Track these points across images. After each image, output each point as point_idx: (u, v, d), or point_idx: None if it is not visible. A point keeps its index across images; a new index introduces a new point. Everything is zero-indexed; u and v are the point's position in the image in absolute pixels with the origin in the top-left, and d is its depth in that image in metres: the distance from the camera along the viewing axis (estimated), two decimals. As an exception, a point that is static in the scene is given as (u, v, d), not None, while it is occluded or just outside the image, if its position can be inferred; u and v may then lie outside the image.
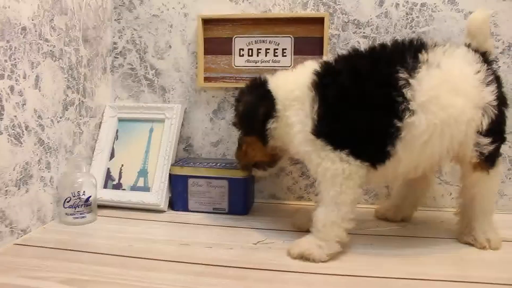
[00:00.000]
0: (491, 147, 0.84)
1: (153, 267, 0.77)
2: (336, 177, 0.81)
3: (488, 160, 0.86)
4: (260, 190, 1.20)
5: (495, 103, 0.83)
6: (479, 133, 0.83)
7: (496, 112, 0.83)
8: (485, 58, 0.87)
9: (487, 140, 0.83)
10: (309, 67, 0.88)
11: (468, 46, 0.87)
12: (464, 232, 0.92)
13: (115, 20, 1.22)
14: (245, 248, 0.87)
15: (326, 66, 0.86)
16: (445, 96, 0.79)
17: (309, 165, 0.86)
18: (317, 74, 0.84)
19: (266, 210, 1.12)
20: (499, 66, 1.10)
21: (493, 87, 0.83)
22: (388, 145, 0.80)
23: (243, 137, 0.97)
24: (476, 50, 0.86)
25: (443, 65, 0.81)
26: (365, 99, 0.80)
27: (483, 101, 0.82)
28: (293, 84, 0.86)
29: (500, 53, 1.11)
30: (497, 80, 0.86)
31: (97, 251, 0.84)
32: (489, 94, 0.82)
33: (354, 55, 0.86)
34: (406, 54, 0.81)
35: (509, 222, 1.06)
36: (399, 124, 0.78)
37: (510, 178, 1.14)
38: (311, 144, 0.81)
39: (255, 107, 0.89)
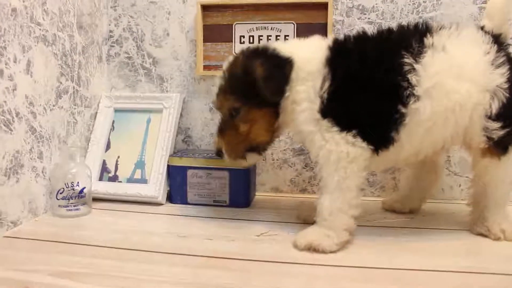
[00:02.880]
0: (501, 132, 0.80)
1: (150, 259, 0.73)
2: (340, 160, 0.77)
3: (499, 146, 0.82)
4: (261, 183, 1.16)
5: (506, 85, 0.78)
6: (488, 117, 0.79)
7: (508, 95, 0.79)
8: (498, 40, 0.82)
9: (496, 125, 0.79)
10: (322, 42, 0.83)
11: (482, 28, 0.83)
12: (477, 223, 0.88)
13: (111, 7, 1.18)
14: (247, 240, 0.83)
15: (339, 44, 0.82)
16: (449, 82, 0.76)
17: (311, 148, 0.82)
18: (333, 50, 0.79)
19: (269, 203, 1.08)
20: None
21: (504, 69, 0.79)
22: (393, 130, 0.77)
23: (250, 112, 0.81)
24: (489, 32, 0.82)
25: (448, 48, 0.78)
26: (373, 82, 0.77)
27: (492, 83, 0.78)
28: (310, 56, 0.80)
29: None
30: (510, 62, 0.81)
31: (90, 244, 0.79)
32: (499, 77, 0.79)
33: (363, 37, 0.82)
34: (411, 39, 0.78)
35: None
36: (403, 110, 0.76)
37: (520, 169, 1.09)
38: (316, 124, 0.77)
39: (282, 67, 0.79)
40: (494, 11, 0.85)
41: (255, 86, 0.78)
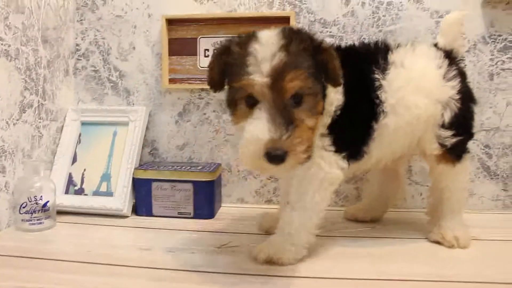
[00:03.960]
0: (453, 140, 0.86)
1: (113, 272, 0.75)
2: (325, 182, 0.79)
3: (453, 153, 0.88)
4: (227, 194, 1.19)
5: (457, 96, 0.85)
6: (441, 126, 0.86)
7: (459, 106, 0.86)
8: (450, 55, 0.88)
9: (449, 133, 0.86)
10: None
11: (435, 44, 0.89)
12: (433, 231, 0.92)
13: (77, 21, 1.21)
14: (208, 252, 0.86)
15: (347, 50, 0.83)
16: (409, 97, 0.82)
17: None
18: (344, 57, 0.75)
19: (233, 214, 1.11)
20: (465, 65, 1.11)
21: (455, 82, 0.85)
22: (365, 145, 0.82)
23: (319, 100, 0.71)
24: (442, 48, 0.88)
25: (406, 64, 0.83)
26: (359, 98, 0.81)
27: (444, 95, 0.85)
28: None
29: (466, 51, 1.12)
30: (462, 75, 0.88)
31: (54, 258, 0.81)
32: (450, 89, 0.85)
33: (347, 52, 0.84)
34: (377, 55, 0.84)
35: (480, 221, 1.07)
36: (375, 125, 0.81)
37: (479, 178, 1.15)
38: (319, 138, 0.76)
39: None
40: (447, 28, 0.91)
41: (324, 69, 0.70)
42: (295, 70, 0.65)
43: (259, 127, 0.63)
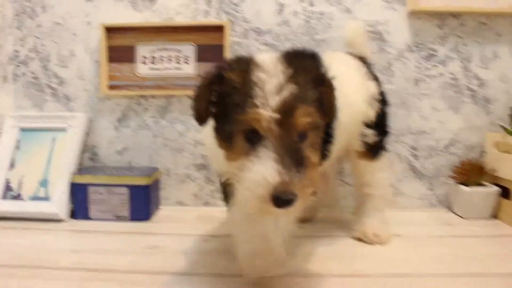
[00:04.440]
0: (375, 138, 0.94)
1: (43, 275, 0.78)
2: None
3: (373, 151, 0.96)
4: (166, 197, 1.23)
5: (378, 98, 0.94)
6: (366, 125, 0.92)
7: (380, 106, 0.95)
8: (364, 61, 0.96)
9: (372, 132, 0.93)
10: None
11: (348, 53, 0.96)
12: (356, 228, 0.98)
13: (16, 27, 1.23)
14: (138, 254, 0.90)
15: None
16: (350, 97, 0.86)
17: None
18: None
19: (170, 217, 1.15)
20: (393, 71, 1.19)
21: (375, 84, 0.95)
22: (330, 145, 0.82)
23: (320, 136, 0.68)
24: (356, 56, 0.95)
25: (335, 69, 0.87)
26: None
27: (369, 96, 0.93)
28: None
29: (394, 59, 1.19)
30: (377, 79, 0.97)
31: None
32: (373, 90, 0.94)
33: None
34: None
35: (407, 219, 1.14)
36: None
37: (407, 178, 1.23)
38: None
39: None
40: (352, 37, 0.98)
41: (323, 104, 0.66)
42: (305, 104, 0.60)
43: (267, 168, 0.56)
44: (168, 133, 1.22)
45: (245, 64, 0.63)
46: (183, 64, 1.18)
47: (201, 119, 0.67)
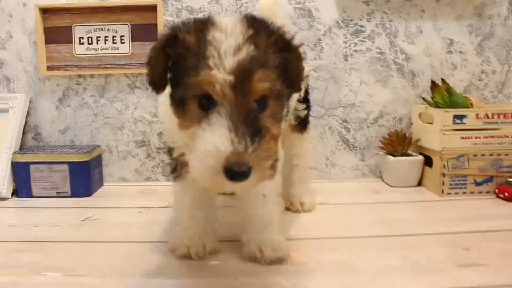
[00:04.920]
0: (305, 112, 1.02)
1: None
2: None
3: (302, 124, 1.04)
4: (109, 174, 1.30)
5: (308, 74, 1.00)
6: (298, 100, 0.99)
7: (308, 83, 1.02)
8: None
9: (303, 106, 1.01)
10: None
11: None
12: (286, 199, 1.05)
13: (-48, 10, 1.26)
14: (72, 225, 0.97)
15: None
16: None
17: None
18: None
19: (113, 192, 1.23)
20: (322, 47, 1.26)
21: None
22: None
23: (283, 105, 0.63)
24: None
25: None
26: None
27: None
28: None
29: (322, 35, 1.26)
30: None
31: None
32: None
33: None
34: None
35: (339, 189, 1.23)
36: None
37: (339, 150, 1.31)
38: None
39: None
40: (266, 14, 1.03)
41: (288, 68, 0.62)
42: (264, 68, 0.55)
43: (219, 137, 0.52)
44: (108, 111, 1.28)
45: (201, 24, 0.58)
46: (119, 43, 1.23)
47: (156, 86, 0.62)
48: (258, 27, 0.58)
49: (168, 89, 0.63)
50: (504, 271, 0.71)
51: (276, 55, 0.59)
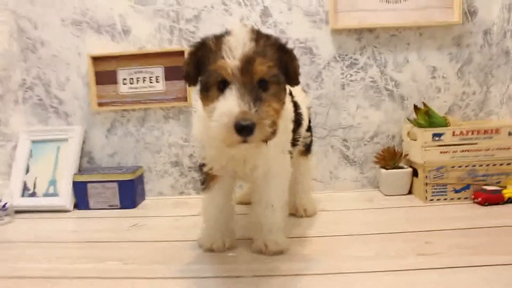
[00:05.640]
0: (310, 139, 1.27)
1: (52, 246, 1.14)
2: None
3: (308, 149, 1.29)
4: (149, 190, 1.60)
5: (310, 107, 1.26)
6: (305, 130, 1.23)
7: (309, 113, 1.25)
8: None
9: (308, 134, 1.26)
10: None
11: None
12: (289, 207, 1.30)
13: (22, 60, 1.60)
14: (122, 230, 1.26)
15: None
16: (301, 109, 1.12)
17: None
18: None
19: (152, 204, 1.52)
20: (323, 79, 1.53)
21: (308, 97, 1.27)
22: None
23: (282, 90, 0.86)
24: None
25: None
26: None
27: (307, 106, 1.23)
28: None
29: (322, 68, 1.54)
30: (306, 92, 1.30)
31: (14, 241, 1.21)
32: (308, 101, 1.26)
33: None
34: None
35: (340, 198, 1.49)
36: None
37: (341, 165, 1.57)
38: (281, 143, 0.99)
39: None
40: None
41: (287, 66, 0.84)
42: (263, 57, 0.78)
43: (230, 103, 0.74)
44: (147, 138, 1.58)
45: (220, 35, 0.83)
46: (155, 83, 1.54)
47: (189, 79, 0.86)
48: (259, 34, 0.83)
49: (199, 112, 0.91)
50: (454, 258, 0.92)
51: (273, 51, 0.82)
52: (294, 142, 1.04)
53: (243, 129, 0.72)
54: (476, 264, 0.89)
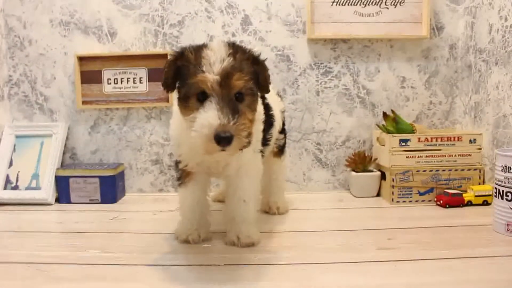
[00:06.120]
0: (283, 141, 1.35)
1: (34, 236, 1.20)
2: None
3: (281, 150, 1.36)
4: (130, 186, 1.67)
5: (284, 110, 1.34)
6: (279, 132, 1.31)
7: (283, 116, 1.33)
8: None
9: (281, 136, 1.34)
10: None
11: None
12: (263, 205, 1.39)
13: (9, 57, 1.65)
14: (103, 222, 1.32)
15: None
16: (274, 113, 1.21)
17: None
18: None
19: (131, 200, 1.59)
20: (299, 85, 1.62)
21: (282, 101, 1.34)
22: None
23: (256, 100, 0.94)
24: None
25: None
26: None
27: (281, 110, 1.31)
28: None
29: (299, 75, 1.63)
30: (281, 96, 1.38)
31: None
32: (282, 106, 1.34)
33: None
34: None
35: (313, 198, 1.57)
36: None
37: (314, 167, 1.66)
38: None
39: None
40: None
41: (259, 76, 0.91)
42: (240, 72, 0.84)
43: (210, 115, 0.80)
44: (129, 136, 1.65)
45: (198, 47, 0.89)
46: (138, 83, 1.61)
47: (168, 86, 0.92)
48: (236, 48, 0.89)
49: (175, 112, 0.98)
50: (410, 251, 1.02)
51: (249, 66, 0.89)
52: (265, 142, 1.11)
53: (222, 140, 0.79)
54: (428, 258, 0.98)
